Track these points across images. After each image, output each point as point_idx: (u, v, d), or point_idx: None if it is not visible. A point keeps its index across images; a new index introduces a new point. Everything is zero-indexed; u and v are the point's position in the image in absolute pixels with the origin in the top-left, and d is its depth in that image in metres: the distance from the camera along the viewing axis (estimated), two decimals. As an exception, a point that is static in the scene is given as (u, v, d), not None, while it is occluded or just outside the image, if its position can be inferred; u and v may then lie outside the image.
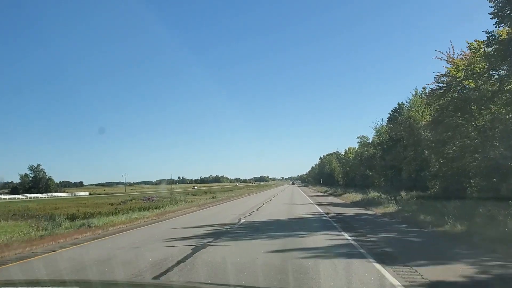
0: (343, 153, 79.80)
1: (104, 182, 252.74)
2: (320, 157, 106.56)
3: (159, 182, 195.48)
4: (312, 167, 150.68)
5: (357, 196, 33.03)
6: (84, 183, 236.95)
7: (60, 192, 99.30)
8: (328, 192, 62.09)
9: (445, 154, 20.27)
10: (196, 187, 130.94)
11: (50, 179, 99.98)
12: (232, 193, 61.04)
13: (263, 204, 31.39)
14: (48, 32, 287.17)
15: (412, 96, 29.79)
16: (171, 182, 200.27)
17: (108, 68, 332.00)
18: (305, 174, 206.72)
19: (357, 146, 64.36)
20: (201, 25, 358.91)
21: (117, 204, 27.96)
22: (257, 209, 25.26)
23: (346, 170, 69.89)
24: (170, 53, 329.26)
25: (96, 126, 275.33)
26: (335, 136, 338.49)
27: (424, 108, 28.72)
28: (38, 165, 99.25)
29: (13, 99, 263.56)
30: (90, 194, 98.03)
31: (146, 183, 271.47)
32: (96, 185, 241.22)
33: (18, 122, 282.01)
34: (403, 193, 24.60)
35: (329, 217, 18.81)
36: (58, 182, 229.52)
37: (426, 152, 25.74)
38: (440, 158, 21.33)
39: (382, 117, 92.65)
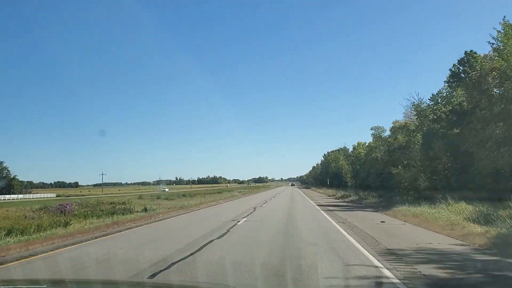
0: (351, 149, 68.24)
1: (102, 182, 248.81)
2: (324, 154, 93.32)
3: (157, 182, 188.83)
4: (314, 167, 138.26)
5: (455, 218, 14.35)
6: (81, 184, 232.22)
7: (26, 193, 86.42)
8: (350, 199, 38.61)
9: None
10: (167, 189, 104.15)
11: (14, 178, 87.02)
12: (209, 197, 48.00)
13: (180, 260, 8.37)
14: (46, 33, 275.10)
15: (499, 34, 17.22)
16: (168, 182, 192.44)
17: (107, 70, 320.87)
18: (305, 174, 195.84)
19: (368, 141, 53.00)
20: (198, 27, 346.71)
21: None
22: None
23: (357, 168, 58.34)
24: (168, 55, 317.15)
25: (96, 128, 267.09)
26: (335, 137, 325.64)
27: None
28: (1, 162, 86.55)
29: (12, 100, 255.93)
30: (57, 196, 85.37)
31: (143, 183, 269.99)
32: (94, 185, 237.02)
33: (17, 121, 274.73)
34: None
35: None
36: (53, 183, 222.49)
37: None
38: None
39: (418, 91, 77.00)
